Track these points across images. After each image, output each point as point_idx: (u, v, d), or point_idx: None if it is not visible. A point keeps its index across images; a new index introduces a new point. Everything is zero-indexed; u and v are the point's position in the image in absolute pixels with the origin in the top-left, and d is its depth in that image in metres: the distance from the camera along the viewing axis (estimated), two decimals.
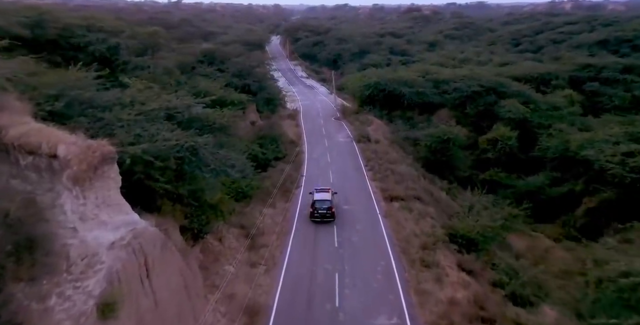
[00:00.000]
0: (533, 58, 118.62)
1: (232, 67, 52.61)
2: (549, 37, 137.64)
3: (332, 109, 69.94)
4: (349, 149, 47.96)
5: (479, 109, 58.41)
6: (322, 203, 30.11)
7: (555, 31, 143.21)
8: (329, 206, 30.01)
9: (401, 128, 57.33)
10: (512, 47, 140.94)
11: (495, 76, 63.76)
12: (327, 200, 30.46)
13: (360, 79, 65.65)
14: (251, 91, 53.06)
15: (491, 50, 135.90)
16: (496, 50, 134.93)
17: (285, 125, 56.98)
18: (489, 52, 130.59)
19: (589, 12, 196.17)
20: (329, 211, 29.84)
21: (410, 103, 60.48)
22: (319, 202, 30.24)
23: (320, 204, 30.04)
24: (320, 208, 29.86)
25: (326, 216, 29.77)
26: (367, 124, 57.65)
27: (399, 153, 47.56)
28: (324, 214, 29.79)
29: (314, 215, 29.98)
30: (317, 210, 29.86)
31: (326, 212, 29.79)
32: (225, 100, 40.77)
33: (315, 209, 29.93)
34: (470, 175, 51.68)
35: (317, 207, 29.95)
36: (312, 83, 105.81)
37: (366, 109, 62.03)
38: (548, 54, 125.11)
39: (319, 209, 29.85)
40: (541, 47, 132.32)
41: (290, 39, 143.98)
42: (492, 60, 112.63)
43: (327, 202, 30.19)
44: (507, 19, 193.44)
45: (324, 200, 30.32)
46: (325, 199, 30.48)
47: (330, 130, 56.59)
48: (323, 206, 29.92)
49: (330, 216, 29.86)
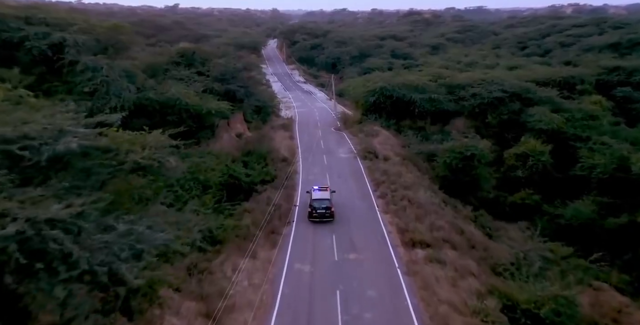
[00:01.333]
0: (541, 62, 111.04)
1: (215, 69, 43.49)
2: (556, 40, 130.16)
3: (331, 118, 60.84)
4: (353, 169, 38.76)
5: (502, 118, 49.30)
6: (321, 202, 28.31)
7: (562, 34, 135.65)
8: (328, 205, 28.19)
9: (413, 140, 48.18)
10: (518, 51, 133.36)
11: (516, 80, 54.72)
12: (325, 199, 28.67)
13: (364, 84, 56.58)
14: (237, 98, 43.95)
15: (497, 53, 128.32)
16: (502, 54, 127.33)
17: (277, 138, 47.79)
18: (495, 56, 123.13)
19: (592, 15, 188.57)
20: (328, 211, 28.01)
21: (421, 111, 51.42)
22: (317, 201, 28.43)
23: (318, 203, 28.23)
24: (319, 207, 28.02)
25: (325, 216, 27.92)
26: (373, 136, 48.54)
27: (414, 173, 38.36)
28: (322, 214, 27.91)
29: (312, 215, 28.07)
30: (316, 210, 27.96)
31: (325, 212, 27.95)
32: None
33: (314, 208, 28.04)
34: (496, 197, 42.55)
35: (315, 206, 28.09)
36: (309, 88, 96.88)
37: (371, 117, 52.86)
38: (557, 57, 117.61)
39: (317, 209, 27.98)
40: (549, 51, 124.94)
41: (287, 42, 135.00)
42: (499, 64, 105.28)
43: (326, 201, 28.44)
44: (510, 22, 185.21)
45: (322, 200, 28.54)
46: (323, 198, 28.68)
47: (330, 143, 47.42)
48: (322, 205, 28.11)
49: (330, 216, 28.03)
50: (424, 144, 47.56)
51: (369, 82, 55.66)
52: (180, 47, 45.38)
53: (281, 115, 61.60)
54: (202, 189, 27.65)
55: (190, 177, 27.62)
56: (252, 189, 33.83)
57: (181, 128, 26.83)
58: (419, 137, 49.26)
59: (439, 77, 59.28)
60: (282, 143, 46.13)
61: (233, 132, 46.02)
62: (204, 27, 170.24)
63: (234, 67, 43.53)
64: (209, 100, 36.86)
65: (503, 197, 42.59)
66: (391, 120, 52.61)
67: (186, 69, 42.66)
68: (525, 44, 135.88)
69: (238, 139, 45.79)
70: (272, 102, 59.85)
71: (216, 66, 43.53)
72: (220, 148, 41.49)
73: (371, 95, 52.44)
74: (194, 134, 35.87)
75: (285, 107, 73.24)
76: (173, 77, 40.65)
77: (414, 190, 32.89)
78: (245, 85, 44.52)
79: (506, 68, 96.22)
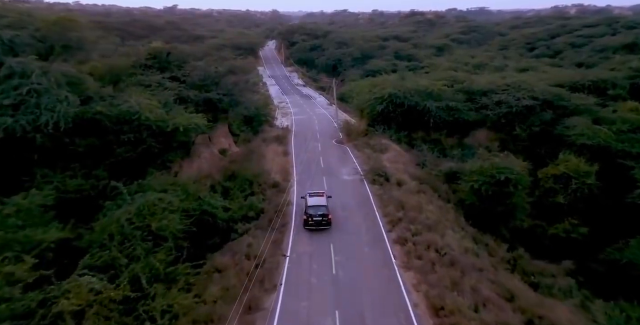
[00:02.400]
0: (551, 63, 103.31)
1: (193, 74, 35.39)
2: (566, 40, 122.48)
3: (333, 127, 52.67)
4: (360, 198, 30.61)
5: (532, 129, 41.12)
6: (317, 209, 25.94)
7: (572, 34, 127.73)
8: (325, 212, 25.81)
9: (428, 156, 40.06)
10: (527, 52, 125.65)
11: (544, 85, 46.50)
12: (322, 205, 26.31)
13: (370, 90, 48.39)
14: (219, 108, 35.84)
15: (504, 54, 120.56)
16: (510, 55, 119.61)
17: (269, 154, 39.65)
18: (502, 57, 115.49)
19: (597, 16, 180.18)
20: (324, 218, 25.70)
21: (437, 121, 43.28)
22: (312, 208, 26.05)
23: (314, 210, 25.86)
24: (315, 215, 25.66)
25: (321, 224, 25.65)
26: (382, 151, 40.44)
27: (435, 202, 30.22)
28: (319, 222, 25.62)
29: (308, 223, 25.76)
30: (312, 218, 25.60)
31: (321, 220, 25.65)
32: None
33: (310, 216, 25.65)
34: (532, 227, 34.58)
35: (311, 213, 25.71)
36: (309, 92, 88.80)
37: (378, 129, 44.69)
38: (568, 58, 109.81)
39: (313, 216, 25.61)
40: (559, 51, 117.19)
41: (286, 43, 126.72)
42: (508, 65, 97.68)
43: (323, 208, 26.08)
44: (515, 22, 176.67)
45: (318, 206, 26.14)
46: (320, 205, 26.32)
47: (332, 160, 39.26)
48: (318, 212, 25.75)
49: (326, 224, 25.75)
50: (441, 161, 39.48)
51: (375, 88, 47.50)
52: (152, 46, 37.32)
53: (276, 125, 53.40)
54: (155, 242, 19.55)
55: (137, 227, 19.56)
56: (230, 229, 25.79)
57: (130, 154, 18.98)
58: (435, 153, 41.14)
59: (454, 81, 51.13)
60: (275, 161, 37.99)
61: (216, 148, 37.94)
62: (200, 28, 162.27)
63: (216, 71, 35.40)
64: (179, 113, 28.76)
65: (540, 227, 34.60)
66: (402, 132, 44.45)
67: (158, 74, 34.57)
68: (534, 45, 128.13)
69: (222, 156, 37.74)
70: (265, 110, 51.72)
71: (194, 70, 35.43)
72: (198, 170, 33.50)
73: (378, 103, 44.28)
74: (159, 156, 27.83)
75: (282, 114, 65.18)
76: (140, 83, 32.57)
77: (439, 232, 24.80)
78: (230, 92, 36.37)
79: (516, 70, 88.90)
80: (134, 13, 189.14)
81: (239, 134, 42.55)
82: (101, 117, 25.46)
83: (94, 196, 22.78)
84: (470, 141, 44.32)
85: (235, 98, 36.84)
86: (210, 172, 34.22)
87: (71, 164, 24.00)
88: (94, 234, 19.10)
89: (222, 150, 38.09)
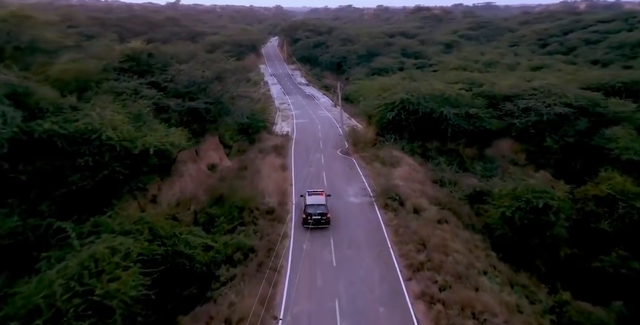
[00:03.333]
0: (565, 60, 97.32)
1: (176, 80, 29.95)
2: (580, 36, 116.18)
3: (337, 134, 47.27)
4: (370, 230, 25.20)
5: (566, 141, 35.53)
6: (316, 208, 25.15)
7: (587, 30, 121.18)
8: (324, 211, 24.97)
9: (446, 171, 34.58)
10: (539, 48, 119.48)
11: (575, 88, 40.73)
12: (321, 204, 25.45)
13: (379, 94, 42.84)
14: (207, 119, 30.44)
15: (515, 51, 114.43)
16: (521, 52, 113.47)
17: (265, 169, 34.28)
18: (513, 54, 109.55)
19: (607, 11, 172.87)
20: (323, 217, 24.83)
21: (456, 131, 37.75)
22: (311, 207, 25.23)
23: (313, 209, 25.06)
24: (314, 213, 24.82)
25: (320, 222, 24.76)
26: (393, 165, 35.03)
27: (460, 235, 24.80)
28: (318, 221, 24.73)
29: (307, 222, 24.80)
30: (311, 216, 24.75)
31: (320, 218, 24.78)
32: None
33: (309, 214, 24.79)
34: (570, 257, 29.09)
35: (310, 212, 24.90)
36: (312, 92, 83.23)
37: (389, 139, 39.22)
38: (583, 55, 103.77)
39: (312, 215, 24.77)
40: (573, 48, 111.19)
41: (289, 39, 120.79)
42: (520, 63, 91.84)
43: (322, 207, 25.26)
44: (525, 18, 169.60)
45: (317, 205, 25.30)
46: (319, 204, 25.45)
47: (336, 176, 33.87)
48: (317, 211, 24.94)
49: (325, 222, 24.90)
50: (460, 177, 34.03)
51: (385, 92, 41.90)
52: (130, 47, 31.91)
53: (275, 132, 47.99)
54: (98, 317, 14.26)
55: (76, 293, 14.26)
56: (211, 275, 20.52)
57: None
58: (453, 167, 35.64)
59: (472, 83, 45.43)
60: (271, 178, 32.60)
61: (204, 163, 32.63)
62: (202, 24, 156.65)
63: (202, 76, 29.95)
64: (153, 129, 23.39)
65: (581, 258, 29.13)
66: (415, 143, 38.92)
67: (135, 79, 29.16)
68: (546, 41, 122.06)
69: (210, 172, 32.43)
70: (263, 115, 46.30)
71: (178, 75, 29.99)
72: (181, 191, 28.27)
73: (389, 109, 38.76)
74: (126, 182, 22.54)
75: (283, 117, 59.85)
76: (112, 90, 27.22)
77: (472, 281, 19.48)
78: (220, 100, 30.93)
79: (529, 68, 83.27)
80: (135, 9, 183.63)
81: (232, 145, 37.16)
82: (54, 137, 20.17)
83: (34, 242, 17.59)
84: (492, 153, 38.84)
85: (225, 106, 31.42)
86: (195, 193, 28.98)
87: (8, 198, 18.78)
88: (13, 306, 13.90)
89: (211, 165, 32.79)
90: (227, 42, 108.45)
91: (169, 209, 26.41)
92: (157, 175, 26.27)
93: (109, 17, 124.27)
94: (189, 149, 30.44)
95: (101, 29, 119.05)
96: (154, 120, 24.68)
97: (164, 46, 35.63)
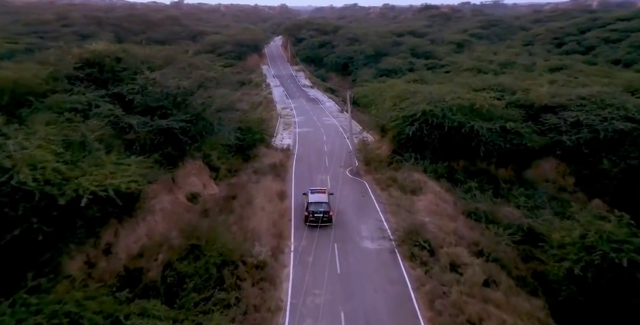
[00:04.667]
0: (584, 60, 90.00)
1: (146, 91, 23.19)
2: (599, 35, 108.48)
3: (345, 146, 40.47)
4: (394, 292, 18.38)
5: (628, 163, 28.46)
6: (318, 206, 24.60)
7: (606, 29, 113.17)
8: (326, 210, 24.37)
9: (480, 201, 27.62)
10: (555, 48, 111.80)
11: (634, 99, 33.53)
12: (323, 202, 24.87)
13: (394, 102, 35.91)
14: (183, 140, 23.66)
15: (529, 51, 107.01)
16: (536, 51, 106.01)
17: (259, 198, 27.47)
18: (528, 54, 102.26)
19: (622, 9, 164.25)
20: (325, 215, 24.24)
21: (490, 149, 30.79)
22: (314, 204, 24.71)
23: (315, 207, 24.52)
24: (316, 211, 24.31)
25: (322, 220, 24.13)
26: (414, 192, 28.30)
27: (519, 305, 17.92)
28: (320, 218, 24.09)
29: (309, 220, 24.21)
30: (313, 214, 24.25)
31: (323, 216, 24.17)
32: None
33: (311, 212, 24.30)
34: None
35: (312, 210, 24.42)
36: (316, 95, 76.46)
37: (408, 158, 32.35)
38: (603, 55, 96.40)
39: (314, 213, 24.27)
40: (591, 47, 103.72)
41: (292, 39, 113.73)
42: (536, 64, 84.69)
43: (324, 205, 24.69)
44: (537, 16, 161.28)
45: (320, 203, 24.78)
46: (321, 202, 24.89)
47: (346, 208, 26.93)
48: (319, 209, 24.39)
49: (328, 220, 24.28)
50: (498, 209, 27.02)
51: (402, 101, 34.95)
52: (91, 49, 24.98)
53: (274, 146, 41.24)
54: None
55: None
56: None
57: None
58: (488, 194, 28.65)
59: (502, 89, 38.34)
60: (265, 211, 25.82)
61: (182, 192, 25.88)
62: (204, 23, 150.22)
63: (179, 85, 23.19)
64: (96, 164, 16.67)
65: None
66: (439, 163, 31.99)
67: (92, 90, 22.48)
68: (562, 40, 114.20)
69: (191, 204, 25.70)
70: (261, 127, 39.48)
71: (148, 85, 23.20)
72: (149, 233, 21.60)
73: (408, 122, 31.87)
74: (54, 242, 15.84)
75: (284, 125, 53.19)
76: (59, 106, 20.53)
77: None
78: (202, 116, 24.19)
79: (548, 69, 76.10)
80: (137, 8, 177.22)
81: (220, 167, 30.40)
82: None
83: None
84: (531, 175, 31.86)
85: (209, 123, 24.68)
86: (167, 234, 22.23)
87: None
88: None
89: (192, 195, 26.08)
90: (229, 42, 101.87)
91: (128, 261, 19.87)
92: (113, 217, 19.64)
93: (107, 15, 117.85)
94: (164, 177, 23.80)
95: (97, 28, 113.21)
96: (100, 150, 17.88)
97: (134, 48, 28.74)
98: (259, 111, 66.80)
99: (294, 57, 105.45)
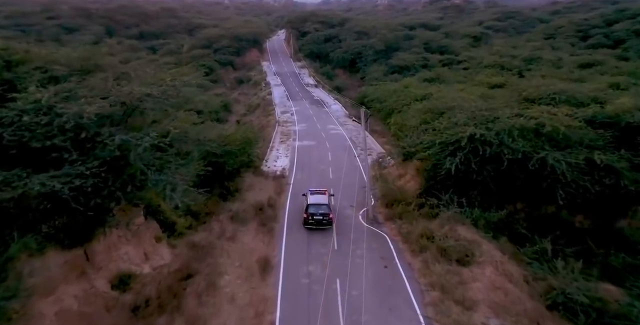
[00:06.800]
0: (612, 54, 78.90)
1: (27, 122, 13.28)
2: (629, 27, 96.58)
3: (355, 168, 30.34)
4: None
5: None
6: (318, 207, 22.83)
7: (635, 20, 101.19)
8: (326, 212, 22.56)
9: (570, 284, 17.51)
10: (579, 41, 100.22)
11: None
12: (323, 204, 23.10)
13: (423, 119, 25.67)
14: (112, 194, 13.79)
15: (552, 45, 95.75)
16: (559, 45, 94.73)
17: (230, 274, 17.58)
18: (551, 48, 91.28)
19: None
20: (325, 217, 22.45)
21: (571, 193, 20.57)
22: (313, 206, 22.98)
23: (315, 209, 22.78)
24: (316, 213, 22.58)
25: (322, 223, 22.46)
26: (463, 261, 18.24)
27: None
28: (319, 221, 22.50)
29: (307, 222, 22.63)
30: (312, 216, 22.55)
31: (322, 219, 22.48)
32: None
33: (310, 214, 22.59)
34: None
35: (311, 212, 22.69)
36: (321, 95, 66.16)
37: (448, 201, 22.22)
38: (634, 48, 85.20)
39: (314, 215, 22.55)
40: (621, 41, 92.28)
41: (296, 33, 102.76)
42: (562, 59, 74.00)
43: (324, 207, 22.91)
44: (555, 7, 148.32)
45: (319, 205, 23.03)
46: (321, 203, 23.12)
47: (359, 295, 17.05)
48: (319, 211, 22.64)
49: (327, 223, 22.38)
50: (601, 292, 16.99)
51: (437, 116, 24.62)
52: None
53: (266, 171, 31.16)
54: None
55: None
56: None
57: None
58: (575, 265, 18.47)
59: (568, 99, 27.88)
60: (236, 302, 15.87)
61: (102, 277, 15.98)
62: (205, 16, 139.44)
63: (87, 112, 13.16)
64: None
65: None
66: (492, 210, 21.75)
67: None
68: (587, 33, 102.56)
69: (116, 293, 15.84)
70: (247, 148, 29.25)
71: (32, 112, 13.31)
72: None
73: (448, 152, 21.69)
74: None
75: (282, 136, 43.16)
76: None
77: None
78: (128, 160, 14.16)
79: (578, 65, 65.54)
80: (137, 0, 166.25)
81: (175, 222, 20.47)
82: None
83: None
84: (627, 227, 21.63)
85: (140, 170, 14.62)
86: None
87: None
88: None
89: (121, 277, 16.20)
90: (226, 36, 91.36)
91: None
92: None
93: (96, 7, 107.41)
94: (69, 254, 13.99)
95: (86, 21, 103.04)
96: None
97: (42, 50, 18.62)
98: (256, 116, 56.93)
99: (297, 53, 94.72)
